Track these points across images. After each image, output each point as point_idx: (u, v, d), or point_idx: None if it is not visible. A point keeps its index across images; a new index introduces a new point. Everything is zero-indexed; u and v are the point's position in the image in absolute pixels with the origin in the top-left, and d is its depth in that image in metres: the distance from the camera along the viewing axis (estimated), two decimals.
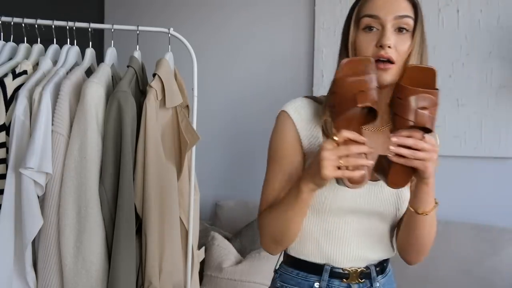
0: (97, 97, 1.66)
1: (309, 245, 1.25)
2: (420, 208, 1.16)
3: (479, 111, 2.33)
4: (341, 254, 1.23)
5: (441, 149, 2.50)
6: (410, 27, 1.16)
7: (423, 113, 1.05)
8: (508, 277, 2.13)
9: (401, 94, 1.07)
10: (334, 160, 1.04)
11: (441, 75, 2.37)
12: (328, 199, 1.19)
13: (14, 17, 1.83)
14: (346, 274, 1.24)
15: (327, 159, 1.04)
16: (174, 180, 1.82)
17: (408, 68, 1.11)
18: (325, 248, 1.24)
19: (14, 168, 1.64)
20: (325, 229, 1.23)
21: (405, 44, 1.16)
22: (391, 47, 1.14)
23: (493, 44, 2.29)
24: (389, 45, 1.13)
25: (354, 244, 1.23)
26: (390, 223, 1.27)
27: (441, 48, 2.37)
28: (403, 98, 1.06)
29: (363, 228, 1.23)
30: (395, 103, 1.07)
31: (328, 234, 1.23)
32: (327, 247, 1.24)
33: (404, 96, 1.06)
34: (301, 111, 1.22)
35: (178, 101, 1.83)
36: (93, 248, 1.64)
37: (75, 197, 1.64)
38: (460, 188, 2.38)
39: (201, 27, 2.99)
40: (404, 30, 1.16)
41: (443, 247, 2.23)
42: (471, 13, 2.32)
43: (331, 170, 1.04)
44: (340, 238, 1.23)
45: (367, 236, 1.24)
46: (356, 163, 1.04)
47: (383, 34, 1.14)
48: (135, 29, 1.88)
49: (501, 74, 2.29)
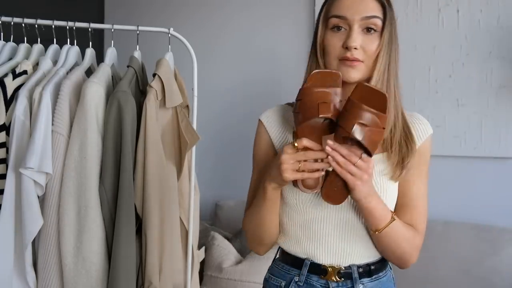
0: (97, 97, 1.66)
1: (292, 240, 1.26)
2: (372, 227, 1.18)
3: (479, 111, 2.33)
4: (320, 249, 1.23)
5: (441, 149, 2.51)
6: (379, 27, 1.16)
7: (361, 128, 1.05)
8: (508, 277, 2.13)
9: (347, 106, 1.08)
10: (293, 164, 1.09)
11: (441, 75, 2.38)
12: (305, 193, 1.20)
13: (14, 17, 1.83)
14: (324, 270, 1.23)
15: (286, 162, 1.09)
16: (174, 180, 1.82)
17: (361, 85, 1.11)
18: (304, 243, 1.24)
19: (14, 168, 1.64)
20: (304, 223, 1.23)
21: (373, 44, 1.16)
22: (357, 48, 1.14)
23: (493, 44, 2.29)
24: (355, 47, 1.14)
25: (333, 239, 1.22)
26: None
27: (441, 48, 2.37)
28: (348, 109, 1.07)
29: (342, 222, 1.22)
30: (340, 114, 1.09)
31: (307, 228, 1.23)
32: (306, 242, 1.24)
33: (349, 108, 1.07)
34: (273, 117, 1.30)
35: (178, 101, 1.83)
36: (93, 248, 1.64)
37: (75, 197, 1.64)
38: (460, 188, 2.38)
39: (201, 27, 2.99)
40: (372, 30, 1.16)
41: (443, 247, 2.24)
42: (471, 13, 2.32)
43: (290, 172, 1.09)
44: (319, 233, 1.22)
45: (347, 231, 1.22)
46: (312, 167, 1.09)
47: (349, 35, 1.14)
48: (135, 29, 1.88)
49: (501, 74, 2.29)
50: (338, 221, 1.22)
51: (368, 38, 1.15)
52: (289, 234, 1.27)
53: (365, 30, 1.16)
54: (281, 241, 1.30)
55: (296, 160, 1.09)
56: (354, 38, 1.14)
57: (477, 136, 2.33)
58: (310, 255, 1.24)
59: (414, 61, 2.41)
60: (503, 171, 2.32)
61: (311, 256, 1.24)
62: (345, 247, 1.22)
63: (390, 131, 1.19)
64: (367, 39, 1.15)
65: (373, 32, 1.16)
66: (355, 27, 1.15)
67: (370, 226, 1.18)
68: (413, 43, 2.41)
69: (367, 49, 1.15)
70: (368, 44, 1.15)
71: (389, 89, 1.19)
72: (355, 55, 1.14)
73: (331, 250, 1.22)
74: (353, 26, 1.15)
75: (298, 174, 1.10)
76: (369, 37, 1.16)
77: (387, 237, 1.18)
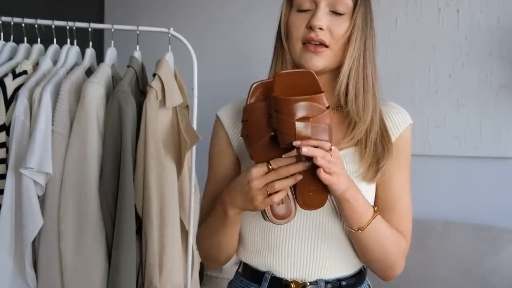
0: (97, 97, 1.66)
1: (251, 250, 1.10)
2: (354, 225, 1.01)
3: (479, 111, 2.33)
4: (281, 261, 1.06)
5: (441, 149, 2.51)
6: (349, 9, 1.03)
7: (305, 124, 0.90)
8: (508, 277, 2.13)
9: (276, 106, 0.92)
10: (264, 188, 0.93)
11: (441, 75, 2.38)
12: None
13: (14, 17, 1.83)
14: (286, 286, 1.06)
15: (257, 188, 0.93)
16: (174, 180, 1.82)
17: (278, 75, 0.95)
18: (264, 253, 1.08)
19: (14, 168, 1.64)
20: (263, 230, 1.07)
21: (341, 26, 1.02)
22: (323, 29, 1.01)
23: (493, 44, 2.29)
24: (320, 27, 1.01)
25: (296, 249, 1.05)
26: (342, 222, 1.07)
27: (441, 48, 2.37)
28: (279, 110, 0.91)
29: (308, 228, 1.05)
30: (273, 118, 0.93)
31: (266, 236, 1.07)
32: (266, 252, 1.08)
33: (280, 108, 0.91)
34: (230, 110, 1.16)
35: (178, 101, 1.83)
36: (93, 248, 1.64)
37: (75, 197, 1.64)
38: (460, 188, 2.38)
39: (201, 27, 2.99)
40: (341, 10, 1.03)
41: (443, 247, 2.23)
42: (471, 13, 2.32)
43: (262, 200, 0.94)
44: (280, 241, 1.06)
45: (314, 239, 1.05)
46: (281, 186, 0.93)
47: (314, 14, 1.02)
48: (135, 29, 1.88)
49: (501, 74, 2.29)
50: (302, 227, 1.05)
51: (336, 19, 1.02)
52: (248, 243, 1.10)
53: (333, 12, 1.03)
54: (239, 252, 1.13)
55: (267, 182, 0.93)
56: (319, 16, 1.01)
57: (477, 136, 2.33)
58: (270, 267, 1.08)
59: (414, 61, 2.40)
60: (503, 171, 2.32)
61: (272, 268, 1.07)
62: (311, 258, 1.05)
63: (366, 129, 1.05)
64: (335, 20, 1.02)
65: (341, 13, 1.03)
66: (322, 6, 1.02)
67: (352, 224, 1.01)
68: (413, 43, 2.40)
69: (334, 32, 1.02)
70: (335, 26, 1.02)
71: (366, 80, 1.06)
72: (320, 36, 1.01)
73: (294, 261, 1.06)
74: (319, 4, 1.02)
75: (268, 199, 0.94)
76: (338, 18, 1.02)
77: (371, 236, 1.02)
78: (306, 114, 0.90)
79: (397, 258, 1.07)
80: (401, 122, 1.10)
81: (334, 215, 1.05)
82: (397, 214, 1.07)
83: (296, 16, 1.05)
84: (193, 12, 3.01)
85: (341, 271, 1.07)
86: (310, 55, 1.02)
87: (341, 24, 1.03)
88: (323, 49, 1.02)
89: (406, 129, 1.10)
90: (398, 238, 1.06)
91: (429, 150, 2.37)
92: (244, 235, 1.10)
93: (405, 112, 1.12)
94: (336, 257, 1.06)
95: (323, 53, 1.02)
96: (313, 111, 0.91)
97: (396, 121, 1.10)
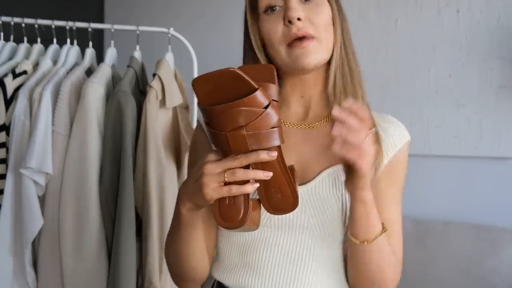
0: (97, 97, 1.66)
1: (225, 267, 0.98)
2: (360, 235, 0.88)
3: (479, 111, 2.33)
4: (258, 281, 0.93)
5: (441, 149, 2.50)
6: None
7: (239, 135, 0.75)
8: (508, 277, 2.13)
9: (206, 118, 0.78)
10: (219, 175, 0.79)
11: (441, 75, 2.38)
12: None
13: (14, 17, 1.83)
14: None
15: (210, 173, 0.79)
16: (174, 180, 1.82)
17: (195, 81, 0.77)
18: (240, 271, 0.95)
19: (14, 168, 1.64)
20: (241, 246, 0.95)
21: (319, 14, 0.92)
22: (302, 19, 0.90)
23: (493, 44, 2.29)
24: (298, 17, 0.89)
25: (276, 268, 0.93)
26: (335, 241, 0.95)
27: (441, 48, 2.37)
28: (209, 122, 0.77)
29: (291, 246, 0.93)
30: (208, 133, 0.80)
31: (244, 253, 0.95)
32: (242, 270, 0.95)
33: (209, 120, 0.77)
34: None
35: (178, 101, 1.83)
36: (93, 248, 1.64)
37: (75, 197, 1.64)
38: (460, 188, 2.38)
39: (201, 27, 2.99)
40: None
41: (443, 247, 2.23)
42: (471, 13, 2.32)
43: (213, 188, 0.79)
44: (258, 259, 0.94)
45: (297, 258, 0.93)
46: (245, 176, 0.78)
47: (287, 7, 0.90)
48: (135, 29, 1.88)
49: (501, 74, 2.29)
50: (286, 244, 0.92)
51: (310, 8, 0.92)
52: (223, 260, 0.98)
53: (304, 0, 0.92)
54: (213, 269, 1.00)
55: (224, 169, 0.78)
56: (293, 7, 0.89)
57: (477, 136, 2.33)
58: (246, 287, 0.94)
59: (414, 61, 2.40)
60: (503, 171, 2.32)
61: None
62: (291, 281, 0.92)
63: None
64: (309, 9, 0.91)
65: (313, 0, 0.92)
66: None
67: (358, 233, 0.88)
68: (413, 43, 2.41)
69: (314, 21, 0.91)
70: (313, 15, 0.91)
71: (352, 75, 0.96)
72: (303, 29, 0.89)
73: (273, 283, 0.92)
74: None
75: (224, 189, 0.78)
76: (311, 6, 0.92)
77: (374, 252, 0.90)
78: (239, 123, 0.75)
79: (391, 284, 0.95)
80: (398, 139, 0.98)
81: (326, 235, 0.93)
82: (394, 239, 0.96)
83: (267, 20, 0.93)
84: (193, 12, 3.02)
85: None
86: (299, 53, 0.90)
87: (318, 11, 0.92)
88: (310, 41, 0.90)
89: (404, 146, 0.98)
90: (396, 265, 0.95)
91: (429, 150, 2.37)
92: (219, 250, 0.99)
93: (403, 127, 1.00)
94: (321, 280, 0.94)
95: (312, 45, 0.90)
96: (246, 117, 0.74)
97: (393, 137, 0.98)
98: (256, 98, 0.75)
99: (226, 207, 0.80)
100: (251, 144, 0.75)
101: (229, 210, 0.80)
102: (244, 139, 0.75)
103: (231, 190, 0.78)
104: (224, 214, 0.80)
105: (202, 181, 0.79)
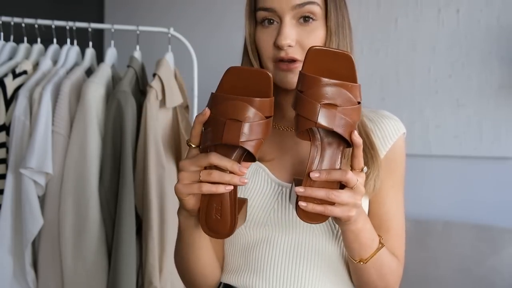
0: (97, 97, 1.66)
1: (230, 269, 0.99)
2: (355, 257, 0.89)
3: (479, 111, 2.33)
4: (262, 282, 0.94)
5: (441, 149, 2.51)
6: (318, 15, 0.91)
7: (330, 111, 0.77)
8: (508, 277, 2.13)
9: (302, 86, 0.79)
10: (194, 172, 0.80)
11: (441, 75, 2.38)
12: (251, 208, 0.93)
13: (14, 17, 1.83)
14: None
15: (187, 169, 0.80)
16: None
17: (311, 51, 0.81)
18: (243, 273, 0.96)
19: (14, 168, 1.64)
20: (244, 247, 0.96)
21: (312, 37, 0.91)
22: (292, 46, 0.90)
23: (493, 44, 2.29)
24: (288, 45, 0.90)
25: (280, 269, 0.93)
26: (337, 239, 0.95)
27: (441, 48, 2.37)
28: (304, 90, 0.79)
29: (294, 247, 0.93)
30: (295, 98, 0.80)
31: (247, 254, 0.96)
32: (246, 272, 0.96)
33: (306, 88, 0.78)
34: None
35: (178, 101, 1.83)
36: (93, 248, 1.64)
37: (75, 197, 1.64)
38: (460, 188, 2.38)
39: (201, 27, 2.99)
40: (310, 19, 0.91)
41: (443, 247, 2.24)
42: (471, 13, 2.32)
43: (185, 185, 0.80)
44: (262, 260, 0.94)
45: (301, 259, 0.94)
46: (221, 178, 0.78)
47: (280, 31, 0.90)
48: (135, 29, 1.88)
49: (501, 74, 2.29)
50: (288, 243, 0.93)
51: (305, 30, 0.91)
52: (227, 261, 0.99)
53: (302, 20, 0.91)
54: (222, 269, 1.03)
55: (200, 165, 0.79)
56: (285, 34, 0.89)
57: (477, 136, 2.33)
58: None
59: (414, 61, 2.40)
60: (503, 171, 2.32)
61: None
62: (295, 280, 0.93)
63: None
64: (303, 31, 0.91)
65: (311, 22, 0.91)
66: (286, 20, 0.90)
67: (353, 255, 0.89)
68: (413, 43, 2.41)
69: (305, 44, 0.90)
70: (305, 38, 0.90)
71: None
72: (291, 54, 0.90)
73: (277, 282, 0.93)
74: (283, 19, 0.90)
75: (195, 186, 0.79)
76: (307, 28, 0.91)
77: (372, 268, 0.91)
78: (335, 102, 0.77)
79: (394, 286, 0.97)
80: (392, 131, 0.97)
81: (328, 233, 0.94)
82: (393, 235, 0.96)
83: (262, 33, 0.94)
84: (193, 12, 3.01)
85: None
86: (284, 74, 0.91)
87: (311, 34, 0.91)
88: (296, 65, 0.90)
89: (399, 139, 0.97)
90: (397, 267, 0.96)
91: (429, 150, 2.37)
92: (226, 254, 1.00)
93: (397, 120, 0.99)
94: (326, 281, 0.94)
95: (298, 68, 0.88)
96: (343, 100, 0.77)
97: (387, 130, 0.97)
98: (357, 90, 0.79)
99: (213, 221, 0.81)
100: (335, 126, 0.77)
101: (216, 224, 0.81)
102: (332, 118, 0.76)
103: (202, 188, 0.79)
104: (212, 227, 0.82)
105: (178, 177, 0.81)
